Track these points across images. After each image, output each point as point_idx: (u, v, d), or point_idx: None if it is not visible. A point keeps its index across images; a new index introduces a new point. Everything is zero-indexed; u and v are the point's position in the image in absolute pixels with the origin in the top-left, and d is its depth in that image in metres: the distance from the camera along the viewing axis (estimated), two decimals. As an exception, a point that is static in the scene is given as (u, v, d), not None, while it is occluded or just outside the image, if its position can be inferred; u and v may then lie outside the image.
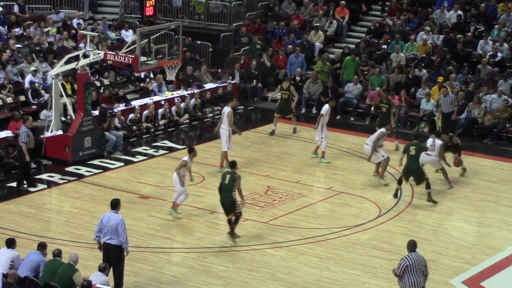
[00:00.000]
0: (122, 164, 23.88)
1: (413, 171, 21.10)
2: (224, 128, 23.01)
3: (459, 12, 32.59)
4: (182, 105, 28.02)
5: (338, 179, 22.94)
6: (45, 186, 22.11)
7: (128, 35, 31.96)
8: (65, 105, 25.08)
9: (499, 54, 30.02)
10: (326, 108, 24.24)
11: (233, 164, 18.82)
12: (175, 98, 28.02)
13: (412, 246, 14.76)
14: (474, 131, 27.37)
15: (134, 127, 26.23)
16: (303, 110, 29.67)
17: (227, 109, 23.19)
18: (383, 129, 22.78)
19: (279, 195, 21.64)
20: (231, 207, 18.32)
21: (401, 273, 14.50)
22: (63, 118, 25.07)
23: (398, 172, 21.99)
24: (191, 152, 19.76)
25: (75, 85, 26.04)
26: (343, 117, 29.17)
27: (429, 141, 22.24)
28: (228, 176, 18.35)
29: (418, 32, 32.09)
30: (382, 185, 22.33)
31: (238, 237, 18.50)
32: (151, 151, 25.06)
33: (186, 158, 19.63)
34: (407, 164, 21.15)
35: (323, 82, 29.88)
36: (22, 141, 21.56)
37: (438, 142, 22.27)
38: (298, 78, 30.48)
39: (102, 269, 14.86)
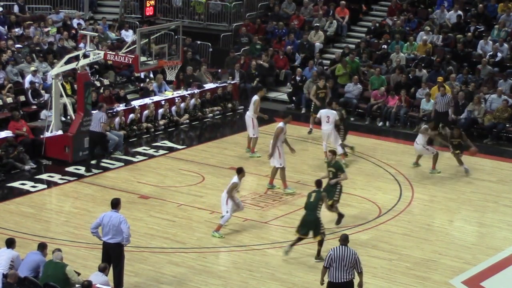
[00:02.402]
0: (122, 164, 23.88)
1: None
2: (249, 116, 24.37)
3: (459, 12, 32.60)
4: (182, 105, 28.02)
5: (338, 179, 22.90)
6: (45, 186, 22.12)
7: (128, 35, 31.96)
8: (65, 105, 25.09)
9: (499, 54, 30.02)
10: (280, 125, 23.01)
11: (319, 183, 18.07)
12: (175, 98, 28.02)
13: (343, 240, 14.78)
14: (474, 131, 27.37)
15: (134, 127, 26.25)
16: (303, 110, 29.67)
17: (255, 98, 24.52)
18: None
19: (279, 195, 21.64)
20: (315, 227, 17.60)
21: (327, 264, 14.60)
22: (63, 118, 25.08)
23: (399, 172, 21.98)
24: (240, 173, 19.04)
25: (75, 85, 26.04)
26: (343, 117, 29.17)
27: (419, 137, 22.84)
28: (313, 194, 17.77)
29: (418, 32, 32.10)
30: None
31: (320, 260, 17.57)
32: (151, 151, 25.06)
33: (235, 179, 18.91)
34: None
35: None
36: (101, 122, 22.76)
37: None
38: (298, 78, 30.48)
39: (102, 269, 14.88)
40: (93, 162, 23.17)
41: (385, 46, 31.69)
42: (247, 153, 24.59)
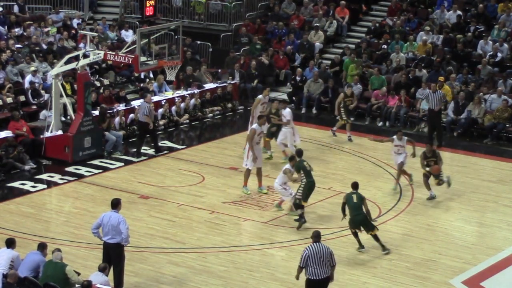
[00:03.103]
0: (122, 164, 23.88)
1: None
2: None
3: (459, 12, 32.61)
4: (182, 105, 28.03)
5: (338, 179, 22.93)
6: (45, 186, 22.12)
7: (128, 35, 31.96)
8: (65, 105, 25.08)
9: (499, 54, 30.02)
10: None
11: (355, 185, 18.46)
12: (175, 98, 28.02)
13: (315, 237, 14.95)
14: (474, 131, 27.38)
15: (135, 127, 26.24)
16: (303, 110, 29.67)
17: (258, 97, 24.83)
18: (288, 167, 20.24)
19: (279, 195, 21.61)
20: (366, 224, 18.14)
21: (303, 264, 14.72)
22: (63, 118, 25.07)
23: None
24: (292, 160, 19.93)
25: (75, 85, 26.04)
26: (343, 117, 29.18)
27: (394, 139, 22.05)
28: (354, 196, 18.15)
29: (418, 32, 32.10)
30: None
31: (387, 250, 18.30)
32: (151, 151, 25.05)
33: (288, 166, 19.87)
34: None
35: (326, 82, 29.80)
36: (144, 114, 24.11)
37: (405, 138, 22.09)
38: (298, 78, 30.49)
39: (102, 269, 14.88)
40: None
41: (385, 46, 31.70)
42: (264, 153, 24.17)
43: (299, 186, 19.54)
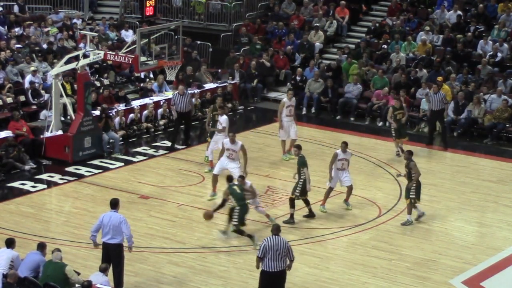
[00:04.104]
0: (122, 164, 23.88)
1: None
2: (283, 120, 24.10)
3: (459, 12, 32.60)
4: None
5: (338, 179, 22.90)
6: (45, 186, 22.12)
7: (128, 35, 31.96)
8: (65, 105, 25.08)
9: (499, 54, 30.02)
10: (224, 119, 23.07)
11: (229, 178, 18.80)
12: (171, 101, 27.95)
13: (275, 230, 15.13)
14: (474, 131, 27.37)
15: (135, 127, 26.26)
16: (304, 111, 29.65)
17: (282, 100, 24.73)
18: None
19: (279, 195, 21.64)
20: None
21: (261, 254, 14.85)
22: (63, 118, 25.07)
23: (399, 172, 21.96)
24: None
25: (75, 85, 26.04)
26: (343, 117, 29.17)
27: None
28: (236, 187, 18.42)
29: (418, 32, 32.10)
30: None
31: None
32: (151, 151, 25.06)
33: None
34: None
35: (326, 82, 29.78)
36: (171, 104, 25.52)
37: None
38: (298, 78, 30.49)
39: (103, 270, 14.89)
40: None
41: (385, 46, 31.69)
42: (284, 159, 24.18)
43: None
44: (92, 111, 24.52)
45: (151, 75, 29.97)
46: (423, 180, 21.93)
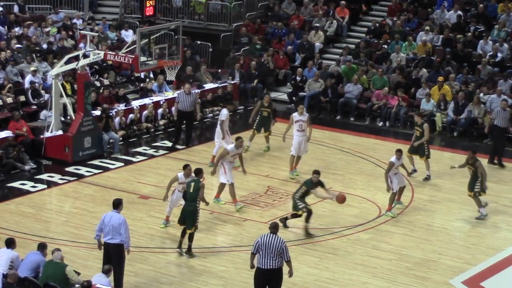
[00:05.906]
0: (122, 164, 23.88)
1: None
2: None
3: (459, 12, 32.60)
4: (182, 105, 28.00)
5: (338, 179, 22.93)
6: (45, 186, 22.12)
7: (128, 35, 31.96)
8: (65, 105, 25.08)
9: (499, 54, 30.03)
10: (224, 113, 23.56)
11: (198, 172, 18.41)
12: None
13: (272, 228, 15.09)
14: (474, 131, 27.37)
15: (134, 127, 26.26)
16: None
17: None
18: None
19: (279, 195, 21.64)
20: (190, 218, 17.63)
21: (255, 250, 14.83)
22: (63, 118, 25.07)
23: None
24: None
25: (75, 85, 26.04)
26: (343, 117, 29.18)
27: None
28: (192, 184, 17.87)
29: (418, 32, 32.10)
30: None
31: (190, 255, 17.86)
32: (151, 151, 25.06)
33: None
34: None
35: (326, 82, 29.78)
36: (196, 102, 25.66)
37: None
38: (298, 78, 30.49)
39: (106, 271, 14.92)
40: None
41: (385, 46, 31.70)
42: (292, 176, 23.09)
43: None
44: (92, 111, 24.53)
45: (151, 75, 29.96)
46: (423, 180, 21.96)
